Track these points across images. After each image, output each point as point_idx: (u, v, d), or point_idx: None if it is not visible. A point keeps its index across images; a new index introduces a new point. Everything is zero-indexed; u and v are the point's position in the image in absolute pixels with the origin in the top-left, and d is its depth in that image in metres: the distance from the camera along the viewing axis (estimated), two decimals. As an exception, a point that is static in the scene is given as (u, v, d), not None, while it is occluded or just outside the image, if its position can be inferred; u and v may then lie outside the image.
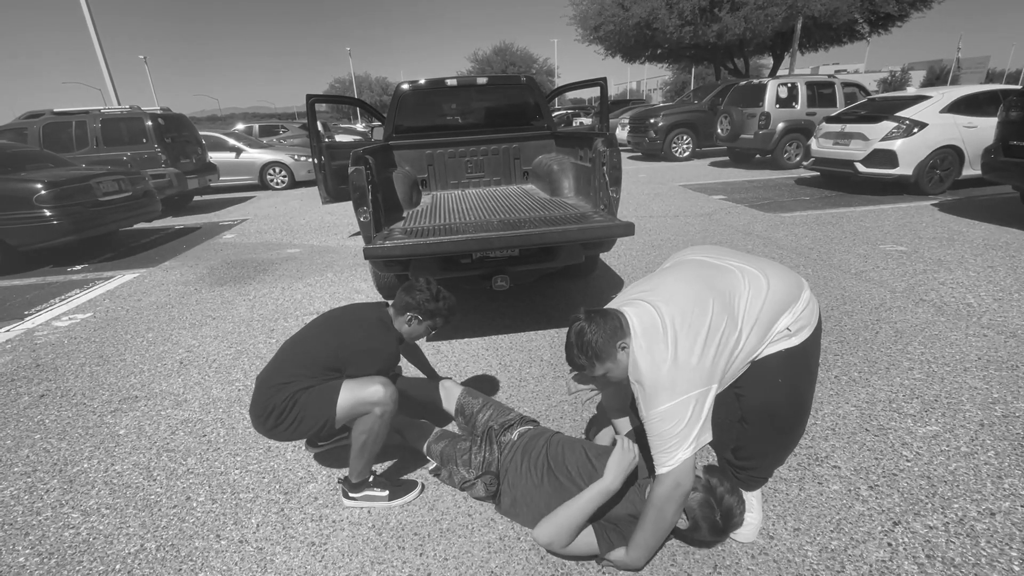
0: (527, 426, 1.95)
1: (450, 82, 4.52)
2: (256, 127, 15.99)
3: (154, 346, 3.32)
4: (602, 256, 4.62)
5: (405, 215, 3.65)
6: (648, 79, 69.29)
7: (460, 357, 2.99)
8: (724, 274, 1.49)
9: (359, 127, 21.41)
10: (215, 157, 10.27)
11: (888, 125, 6.69)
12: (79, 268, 5.38)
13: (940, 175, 6.73)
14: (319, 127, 4.52)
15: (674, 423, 1.34)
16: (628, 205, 7.06)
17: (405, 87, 4.47)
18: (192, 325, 3.64)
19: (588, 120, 19.84)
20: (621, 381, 1.50)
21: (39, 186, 5.12)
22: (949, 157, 6.64)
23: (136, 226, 6.99)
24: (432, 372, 2.32)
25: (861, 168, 6.90)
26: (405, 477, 2.01)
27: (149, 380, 2.87)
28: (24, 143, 7.43)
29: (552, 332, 3.24)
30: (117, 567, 1.64)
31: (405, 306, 1.88)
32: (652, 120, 12.15)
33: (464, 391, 2.16)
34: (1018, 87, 6.28)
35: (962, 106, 6.61)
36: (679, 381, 1.34)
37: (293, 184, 11.27)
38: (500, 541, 1.67)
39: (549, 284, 4.10)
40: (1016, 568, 1.47)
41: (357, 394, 1.70)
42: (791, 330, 1.45)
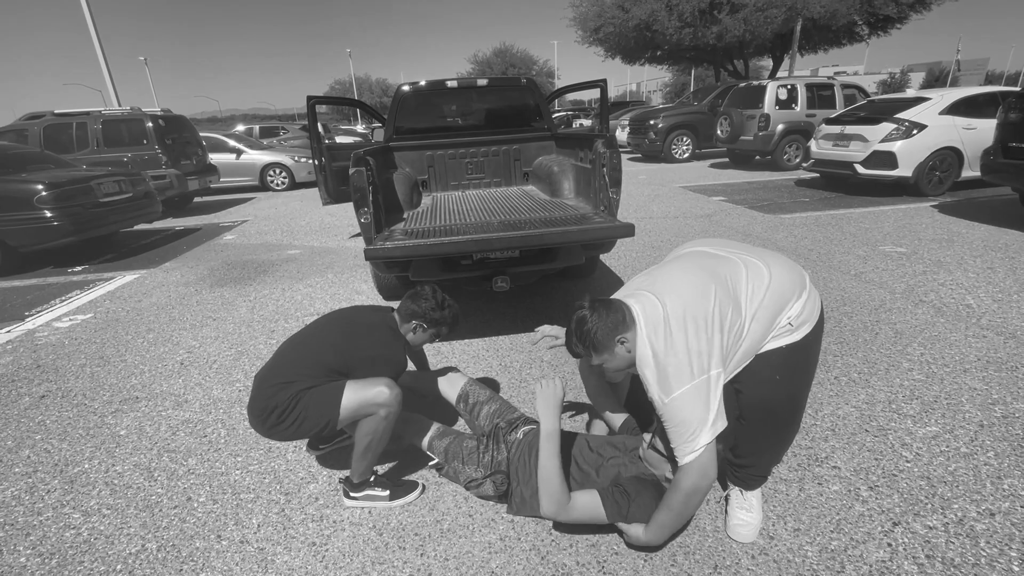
0: (531, 425, 1.96)
1: (450, 84, 4.53)
2: (256, 128, 16.03)
3: (155, 347, 3.32)
4: (602, 257, 4.62)
5: (405, 216, 3.65)
6: (648, 81, 69.40)
7: (461, 358, 2.99)
8: (726, 264, 1.50)
9: (359, 128, 21.44)
10: (215, 158, 10.29)
11: (887, 127, 6.70)
12: (80, 269, 5.39)
13: (939, 176, 6.74)
14: (319, 128, 4.53)
15: (690, 409, 1.35)
16: (628, 206, 7.07)
17: (405, 88, 4.48)
18: (193, 326, 3.65)
19: (588, 121, 19.87)
20: (618, 372, 1.52)
21: (40, 187, 5.12)
22: (948, 159, 6.66)
23: (137, 227, 7.00)
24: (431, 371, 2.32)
25: (861, 170, 6.91)
26: (406, 478, 2.01)
27: (150, 381, 2.88)
28: (25, 144, 7.44)
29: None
30: (118, 567, 1.64)
31: (411, 314, 1.90)
32: (652, 122, 12.16)
33: (469, 380, 2.16)
34: (1017, 89, 6.30)
35: (961, 108, 6.63)
36: (688, 367, 1.35)
37: (293, 185, 11.28)
38: (501, 541, 1.67)
39: (549, 285, 4.10)
40: (1016, 568, 1.48)
41: (362, 395, 1.70)
42: (792, 325, 1.46)
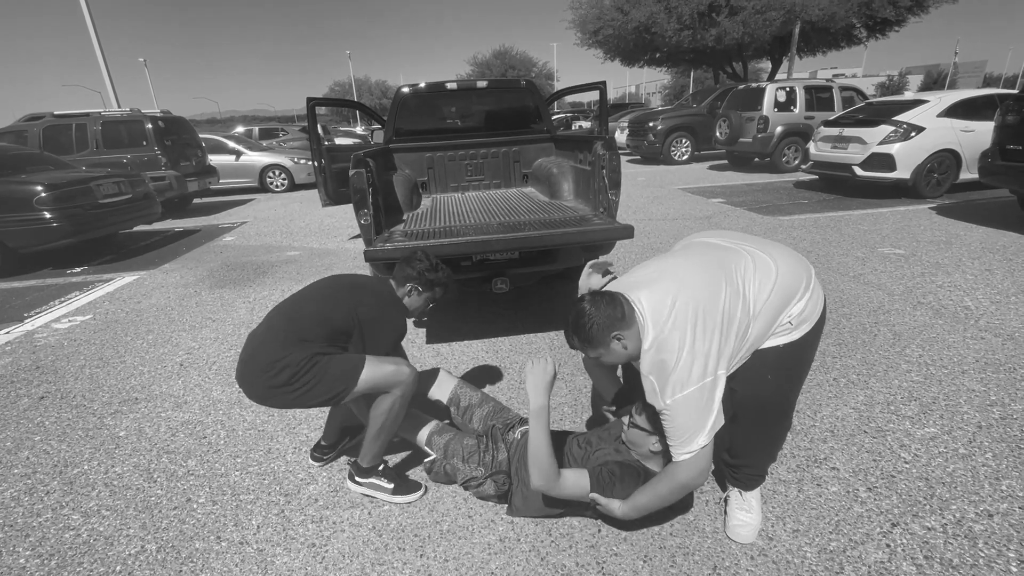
0: (527, 426, 1.95)
1: (450, 85, 4.54)
2: (256, 130, 16.02)
3: (154, 348, 3.32)
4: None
5: (405, 218, 3.66)
6: (647, 83, 69.55)
7: (460, 359, 2.99)
8: (735, 257, 1.48)
9: (359, 130, 21.45)
10: (215, 160, 10.28)
11: (886, 129, 6.72)
12: (79, 270, 5.39)
13: (937, 179, 6.76)
14: (319, 130, 4.53)
15: (691, 412, 1.34)
16: (627, 208, 7.08)
17: (405, 90, 4.49)
18: (192, 327, 3.65)
19: (587, 123, 19.90)
20: (615, 365, 1.52)
21: (39, 188, 5.12)
22: (946, 161, 6.68)
23: (136, 228, 7.00)
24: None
25: (859, 172, 6.93)
26: (412, 478, 2.01)
27: (149, 382, 2.87)
28: (24, 145, 7.44)
29: (552, 334, 3.25)
30: (117, 568, 1.64)
31: (405, 277, 1.90)
32: (651, 124, 12.19)
33: (459, 382, 2.15)
34: (1015, 91, 6.33)
35: (959, 110, 6.65)
36: (692, 370, 1.33)
37: (293, 187, 11.28)
38: (500, 543, 1.67)
39: (549, 287, 4.11)
40: (1014, 569, 1.48)
41: (381, 371, 1.70)
42: (792, 324, 1.46)
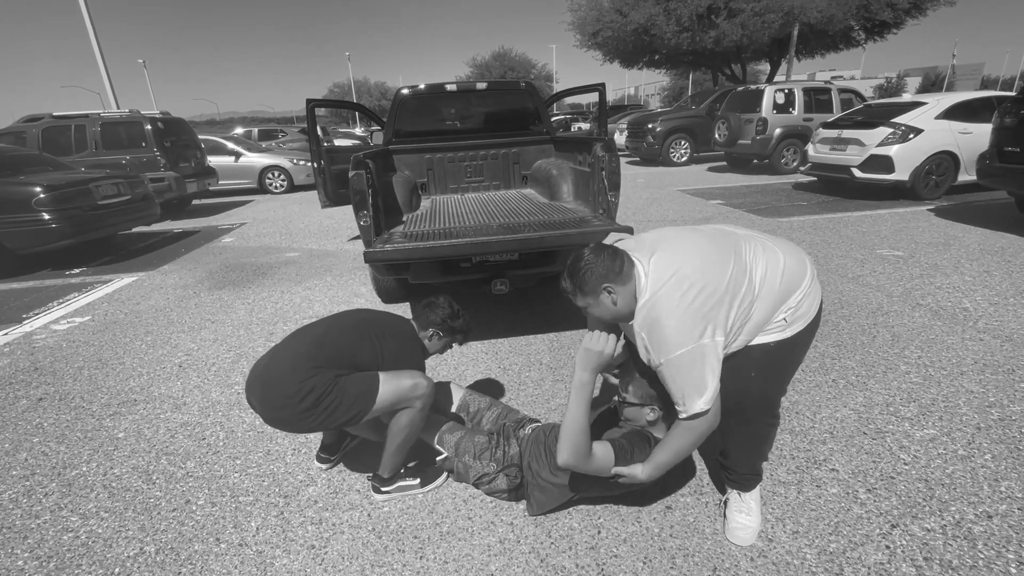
0: (537, 423, 1.99)
1: (450, 87, 4.54)
2: (255, 131, 16.03)
3: (153, 349, 3.32)
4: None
5: (405, 219, 3.66)
6: (646, 85, 69.65)
7: (459, 361, 2.99)
8: (745, 241, 1.50)
9: (358, 131, 21.46)
10: (214, 161, 10.28)
11: (884, 131, 6.74)
12: (77, 271, 5.38)
13: (936, 180, 6.78)
14: (318, 131, 4.54)
15: (682, 373, 1.35)
16: (627, 209, 7.09)
17: (405, 92, 4.49)
18: (191, 329, 3.64)
19: (586, 125, 19.93)
20: (602, 320, 1.51)
21: (38, 189, 5.11)
22: (944, 163, 6.70)
23: (135, 230, 6.99)
24: None
25: (858, 173, 6.94)
26: (431, 467, 2.02)
27: (148, 383, 2.87)
28: (23, 146, 7.43)
29: (551, 336, 3.25)
30: (116, 571, 1.63)
31: (428, 323, 1.94)
32: (650, 125, 12.22)
33: (467, 391, 2.18)
34: (1012, 94, 6.35)
35: (957, 112, 6.67)
36: (687, 331, 1.33)
37: (292, 188, 11.28)
38: (500, 544, 1.67)
39: (548, 288, 4.11)
40: (1013, 570, 1.48)
41: (399, 387, 1.72)
42: (787, 320, 1.47)
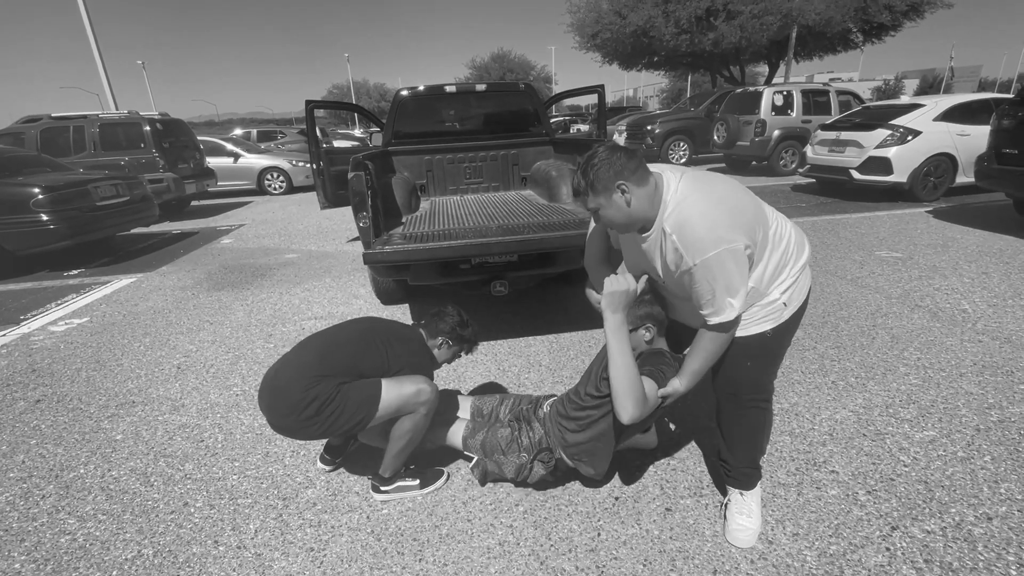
0: (551, 397, 2.00)
1: (449, 88, 4.55)
2: (254, 132, 16.00)
3: (151, 351, 3.31)
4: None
5: (404, 220, 3.66)
6: (645, 86, 69.79)
7: (458, 362, 2.98)
8: (761, 201, 1.54)
9: (357, 133, 21.47)
10: (213, 162, 10.27)
11: (882, 133, 6.76)
12: (76, 273, 5.36)
13: (934, 182, 6.80)
14: (317, 133, 4.54)
15: (719, 271, 1.33)
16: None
17: (404, 93, 4.49)
18: (189, 330, 3.63)
19: (585, 127, 19.96)
20: (614, 223, 1.47)
21: (36, 190, 5.11)
22: (943, 164, 6.71)
23: (133, 231, 6.98)
24: None
25: (856, 175, 6.96)
26: (432, 467, 2.03)
27: (146, 385, 2.86)
28: (22, 147, 7.41)
29: (551, 337, 3.25)
30: (114, 574, 1.63)
31: (438, 331, 1.94)
32: (649, 127, 12.22)
33: (475, 398, 2.16)
34: (1010, 96, 6.36)
35: (955, 114, 6.69)
36: (718, 233, 1.32)
37: (291, 189, 11.28)
38: (500, 546, 1.67)
39: (548, 290, 4.11)
40: (1014, 572, 1.48)
41: (402, 393, 1.71)
42: (786, 304, 1.51)
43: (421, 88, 4.52)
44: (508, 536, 1.71)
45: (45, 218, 5.11)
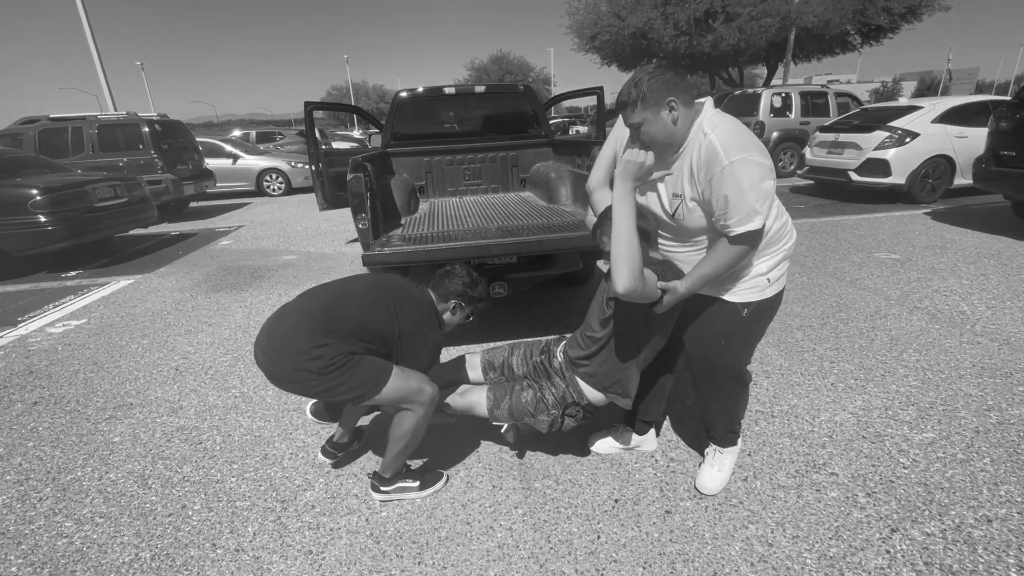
0: (563, 342, 1.99)
1: (448, 90, 4.55)
2: (253, 133, 16.00)
3: (149, 353, 3.30)
4: (599, 263, 4.64)
5: (403, 222, 3.66)
6: (643, 88, 69.73)
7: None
8: None
9: (356, 134, 21.47)
10: (212, 163, 10.27)
11: (881, 135, 6.78)
12: (74, 274, 5.35)
13: (932, 184, 6.81)
14: (316, 134, 4.53)
15: (747, 178, 1.39)
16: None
17: (404, 95, 4.49)
18: (188, 332, 3.62)
19: (584, 128, 19.98)
20: (655, 141, 1.49)
21: (34, 192, 5.10)
22: (941, 166, 6.74)
23: (132, 232, 6.97)
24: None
25: (855, 177, 6.98)
26: (433, 470, 2.03)
27: (144, 387, 2.85)
28: (20, 148, 7.40)
29: (550, 339, 3.23)
30: (111, 577, 1.62)
31: (450, 293, 1.88)
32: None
33: (482, 354, 2.11)
34: (1008, 98, 6.38)
35: (953, 116, 6.72)
36: (753, 145, 1.42)
37: (290, 191, 11.27)
38: (499, 549, 1.66)
39: (547, 291, 4.11)
40: (1014, 575, 1.48)
41: (407, 386, 1.70)
42: (770, 280, 1.61)
43: (420, 90, 4.52)
44: (507, 539, 1.70)
45: (43, 219, 5.10)
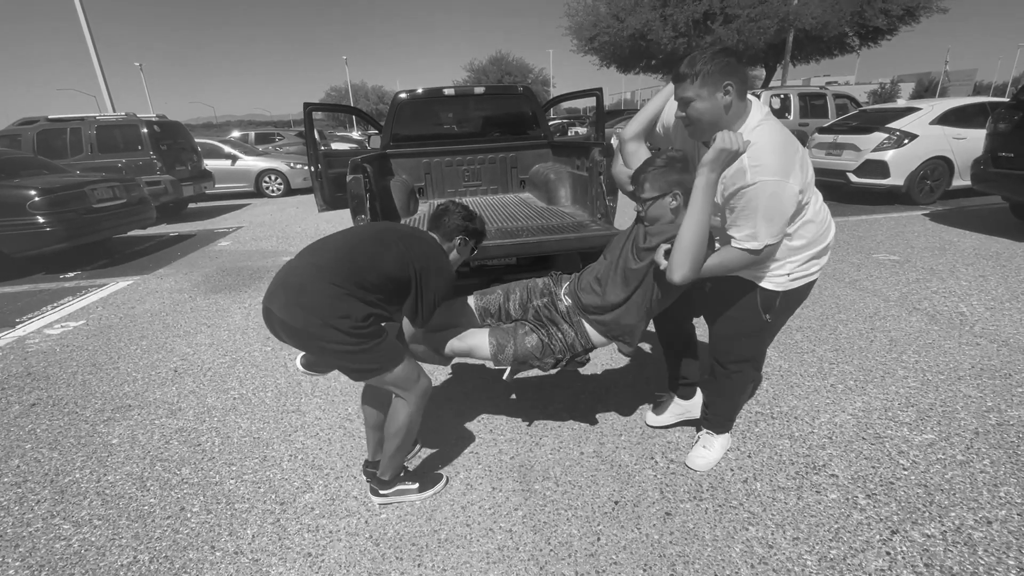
0: (563, 283, 1.98)
1: (447, 91, 4.55)
2: (252, 134, 15.99)
3: (148, 354, 3.29)
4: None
5: (402, 223, 3.65)
6: (642, 89, 69.91)
7: (457, 365, 2.97)
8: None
9: (355, 135, 21.47)
10: (211, 164, 10.26)
11: (879, 136, 6.79)
12: (72, 275, 5.34)
13: (931, 185, 6.83)
14: (316, 135, 4.53)
15: (766, 199, 1.43)
16: (624, 214, 7.09)
17: (403, 96, 4.50)
18: (186, 333, 3.62)
19: (583, 130, 19.99)
20: (700, 119, 1.51)
21: (33, 192, 5.09)
22: (939, 168, 6.75)
23: (130, 233, 6.95)
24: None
25: (853, 178, 6.99)
26: (432, 472, 2.03)
27: (143, 389, 2.84)
28: (18, 149, 7.40)
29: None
30: (109, 579, 1.61)
31: (454, 229, 1.84)
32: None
33: (476, 295, 2.07)
34: (1006, 99, 6.40)
35: (951, 118, 6.73)
36: (786, 164, 1.45)
37: (289, 192, 11.26)
38: (499, 551, 1.66)
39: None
40: (1014, 577, 1.48)
41: (410, 374, 1.71)
42: (791, 276, 1.68)
43: (419, 91, 4.52)
44: (507, 541, 1.70)
45: (41, 220, 5.09)
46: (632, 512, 1.80)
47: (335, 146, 13.33)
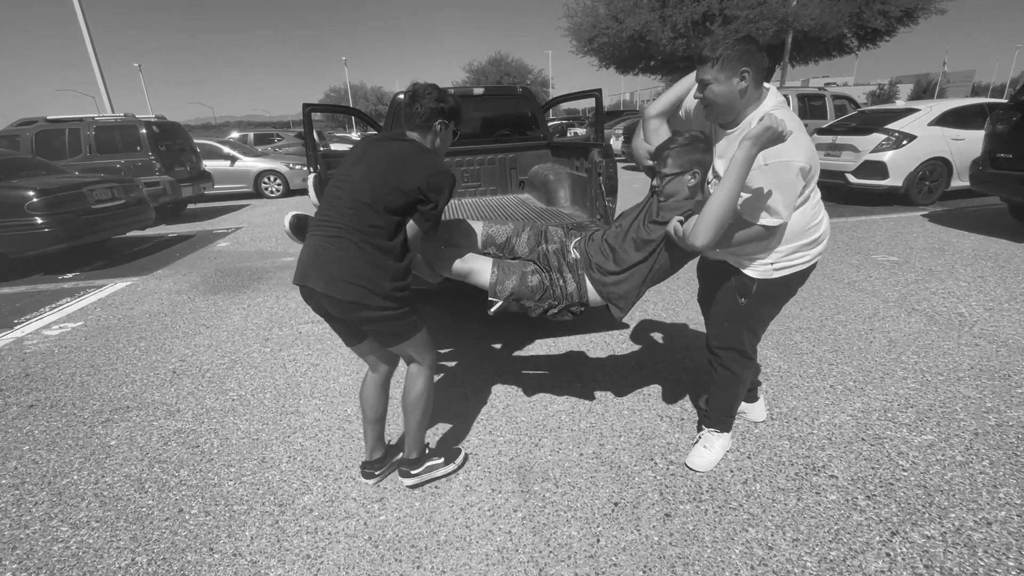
0: (577, 238, 1.98)
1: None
2: (251, 135, 16.00)
3: (146, 355, 3.28)
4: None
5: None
6: (642, 90, 70.07)
7: (455, 367, 2.97)
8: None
9: (354, 136, 21.48)
10: (210, 165, 10.24)
11: (878, 137, 6.80)
12: (70, 276, 5.33)
13: (929, 186, 6.84)
14: (315, 136, 4.53)
15: (778, 179, 1.49)
16: (623, 215, 7.09)
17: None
18: (185, 334, 3.61)
19: (582, 130, 20.02)
20: (716, 101, 1.59)
21: (31, 193, 5.08)
22: (938, 169, 6.76)
23: (129, 234, 6.95)
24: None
25: (852, 179, 7.00)
26: (447, 446, 2.02)
27: (141, 390, 2.84)
28: (17, 150, 7.38)
29: (548, 341, 3.24)
30: (107, 582, 1.61)
31: (430, 114, 1.73)
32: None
33: (485, 224, 2.03)
34: (1004, 100, 6.41)
35: (950, 119, 6.74)
36: (799, 148, 1.49)
37: (288, 192, 11.25)
38: (498, 553, 1.66)
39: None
40: (1014, 578, 1.48)
41: (426, 344, 1.81)
42: (775, 266, 1.73)
43: None
44: (507, 542, 1.70)
45: (40, 221, 5.08)
46: (632, 514, 1.79)
47: (334, 147, 13.33)
